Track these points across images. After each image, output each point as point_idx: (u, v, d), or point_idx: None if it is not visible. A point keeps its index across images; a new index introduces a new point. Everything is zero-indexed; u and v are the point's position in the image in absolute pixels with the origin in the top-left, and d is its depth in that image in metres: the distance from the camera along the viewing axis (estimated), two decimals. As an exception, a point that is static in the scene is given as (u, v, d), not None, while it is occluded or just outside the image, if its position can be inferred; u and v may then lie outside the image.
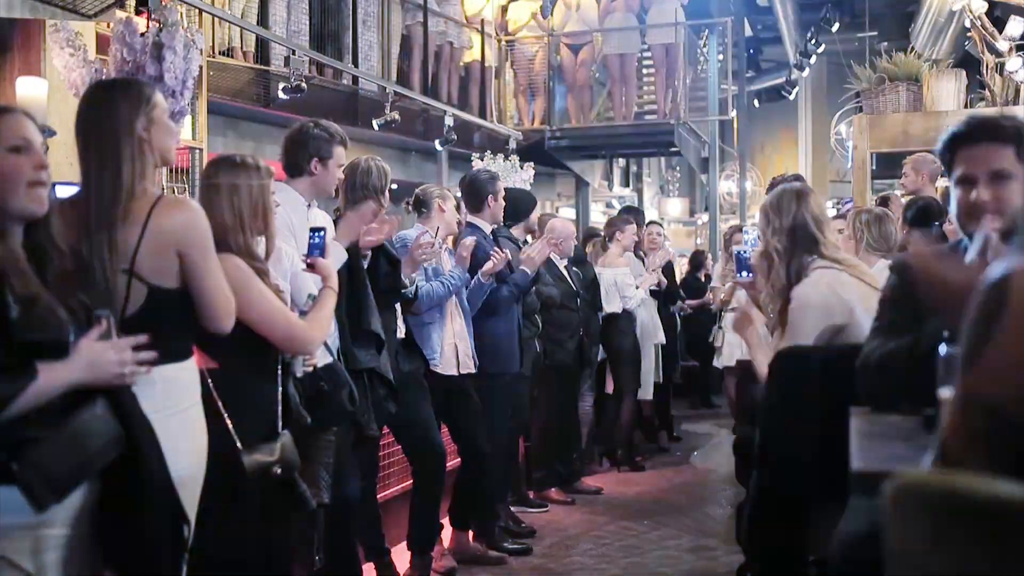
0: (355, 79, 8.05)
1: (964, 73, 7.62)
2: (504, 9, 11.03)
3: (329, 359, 3.26)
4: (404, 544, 4.41)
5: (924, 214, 4.30)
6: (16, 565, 1.97)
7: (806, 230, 3.12)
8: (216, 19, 6.31)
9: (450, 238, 4.85)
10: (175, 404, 2.35)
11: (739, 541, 3.71)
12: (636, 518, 5.54)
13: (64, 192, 2.60)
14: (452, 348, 4.57)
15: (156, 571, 2.18)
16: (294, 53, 6.42)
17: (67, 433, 1.96)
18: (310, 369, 2.98)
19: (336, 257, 3.62)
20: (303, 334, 2.78)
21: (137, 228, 2.32)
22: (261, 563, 2.74)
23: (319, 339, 2.87)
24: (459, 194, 5.25)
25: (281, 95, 6.26)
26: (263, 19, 7.25)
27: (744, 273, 3.42)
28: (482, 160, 7.03)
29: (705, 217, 15.58)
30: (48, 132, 2.31)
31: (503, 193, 5.07)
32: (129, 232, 2.32)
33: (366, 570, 4.03)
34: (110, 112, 2.40)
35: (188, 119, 4.51)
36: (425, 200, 4.64)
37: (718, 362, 7.20)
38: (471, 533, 4.82)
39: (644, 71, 11.96)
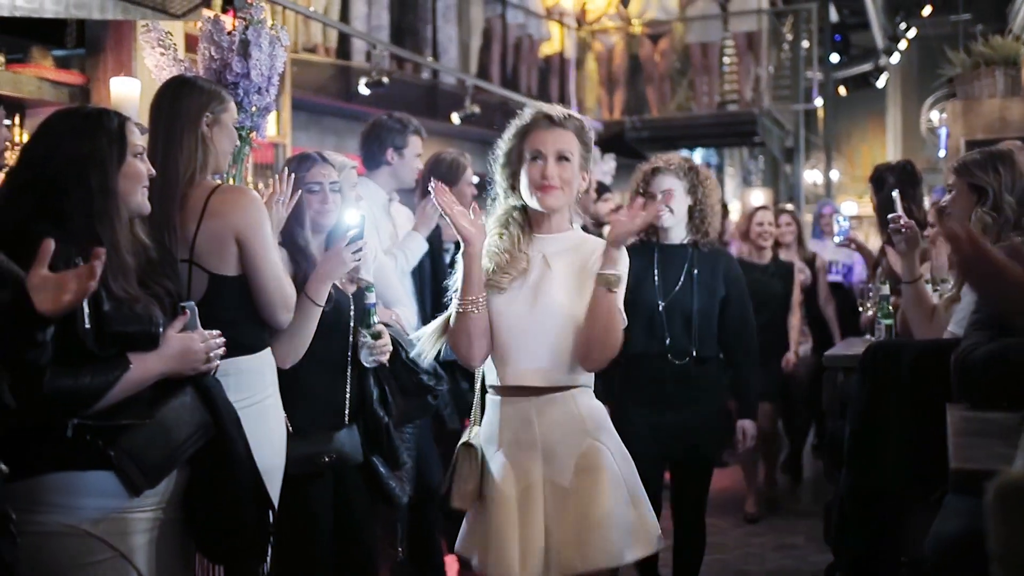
0: (435, 73, 8.09)
1: (1066, 55, 7.30)
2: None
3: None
4: (485, 536, 4.42)
5: None
6: (111, 546, 2.05)
7: None
8: (298, 16, 6.40)
9: None
10: (249, 396, 2.38)
11: (827, 540, 3.62)
12: (720, 515, 5.44)
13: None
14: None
15: (244, 555, 2.23)
16: (375, 48, 6.48)
17: (158, 421, 2.04)
18: (380, 360, 2.85)
19: (416, 248, 3.64)
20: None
21: (195, 216, 2.37)
22: (334, 552, 2.77)
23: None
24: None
25: (362, 90, 6.32)
26: (344, 15, 7.34)
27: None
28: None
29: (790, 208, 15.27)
30: (142, 130, 2.39)
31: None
32: (188, 220, 2.37)
33: (448, 562, 4.05)
34: (181, 103, 2.45)
35: (272, 115, 4.58)
36: None
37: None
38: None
39: (726, 60, 11.77)
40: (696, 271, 3.52)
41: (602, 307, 2.34)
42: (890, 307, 3.78)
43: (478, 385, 2.55)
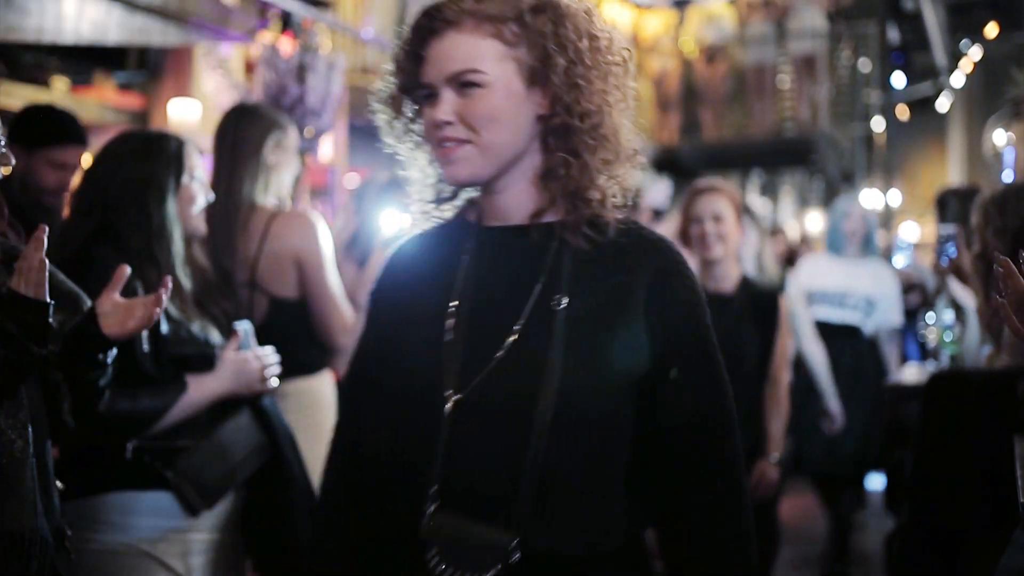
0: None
1: None
2: (637, 21, 10.97)
3: None
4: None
5: None
6: (168, 566, 2.06)
7: None
8: (354, 40, 6.48)
9: None
10: (308, 417, 2.39)
11: (889, 575, 3.54)
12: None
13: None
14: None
15: None
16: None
17: (215, 442, 2.06)
18: None
19: None
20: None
21: (257, 239, 2.39)
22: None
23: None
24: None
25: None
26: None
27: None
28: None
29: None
30: (201, 152, 2.43)
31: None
32: (249, 243, 2.40)
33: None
34: (245, 130, 2.49)
35: (328, 138, 4.63)
36: None
37: None
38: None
39: (783, 78, 11.67)
40: (565, 300, 1.29)
41: None
42: (954, 335, 3.68)
43: None
